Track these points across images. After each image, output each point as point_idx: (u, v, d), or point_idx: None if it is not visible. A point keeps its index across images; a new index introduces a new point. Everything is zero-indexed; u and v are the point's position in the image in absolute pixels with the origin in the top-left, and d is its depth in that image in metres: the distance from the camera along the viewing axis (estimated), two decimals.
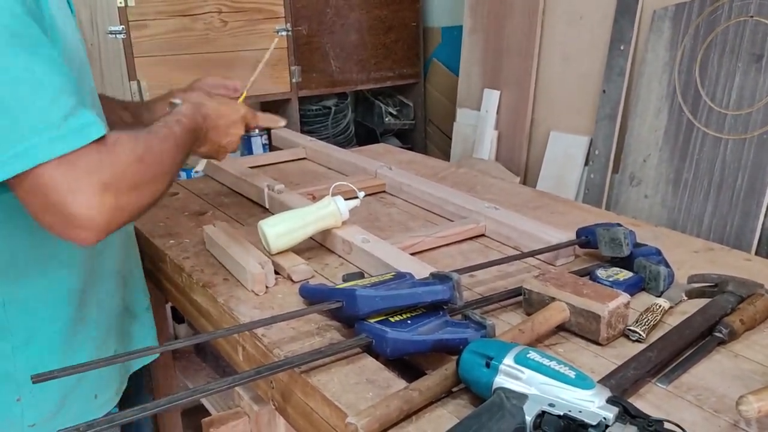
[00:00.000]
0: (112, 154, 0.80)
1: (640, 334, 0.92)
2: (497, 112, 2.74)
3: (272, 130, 2.15)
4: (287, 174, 1.74)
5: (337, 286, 0.98)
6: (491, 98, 2.75)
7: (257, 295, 1.09)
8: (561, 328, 0.95)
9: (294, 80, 2.89)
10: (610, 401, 0.69)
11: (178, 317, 2.29)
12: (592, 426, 0.68)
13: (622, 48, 2.25)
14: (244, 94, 1.26)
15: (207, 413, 1.70)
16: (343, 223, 1.23)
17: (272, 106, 3.04)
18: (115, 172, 0.79)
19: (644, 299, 1.03)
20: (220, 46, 2.69)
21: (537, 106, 2.62)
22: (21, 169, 0.74)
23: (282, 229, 1.17)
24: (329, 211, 1.21)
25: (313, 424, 0.87)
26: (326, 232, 1.26)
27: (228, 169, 1.62)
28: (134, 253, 1.21)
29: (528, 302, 1.00)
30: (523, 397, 0.72)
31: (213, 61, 2.69)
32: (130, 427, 1.20)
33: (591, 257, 1.20)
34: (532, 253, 1.16)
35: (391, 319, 0.90)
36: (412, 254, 1.18)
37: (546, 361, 0.74)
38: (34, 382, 0.73)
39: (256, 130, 3.01)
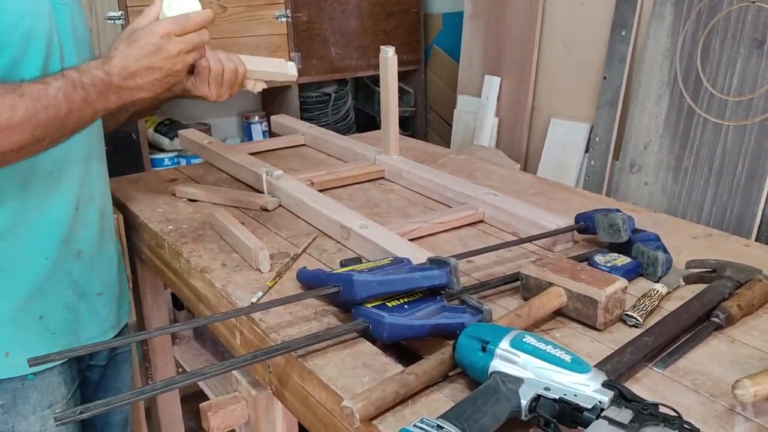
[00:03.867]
0: None
1: (637, 319, 0.92)
2: (498, 99, 2.73)
3: (271, 117, 2.15)
4: (286, 160, 1.73)
5: (335, 271, 0.98)
6: (492, 85, 2.74)
7: (262, 273, 1.10)
8: (558, 313, 0.95)
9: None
10: (606, 385, 0.69)
11: (178, 304, 2.30)
12: (587, 409, 0.68)
13: (623, 34, 2.23)
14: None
15: (206, 399, 1.70)
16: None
17: (272, 92, 3.03)
18: None
19: (642, 285, 1.03)
20: (219, 31, 2.67)
21: (538, 93, 2.61)
22: None
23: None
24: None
25: (310, 408, 0.87)
26: (322, 218, 1.26)
27: (227, 156, 1.61)
28: (92, 234, 1.15)
29: (525, 287, 1.00)
30: (518, 381, 0.72)
31: (212, 47, 2.67)
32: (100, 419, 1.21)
33: (590, 243, 1.20)
34: (530, 239, 1.16)
35: (388, 304, 0.90)
36: (411, 240, 1.18)
37: (542, 345, 0.74)
38: (30, 365, 0.73)
39: (256, 117, 3.00)
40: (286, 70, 1.30)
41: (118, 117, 1.26)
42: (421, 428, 0.65)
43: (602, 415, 0.67)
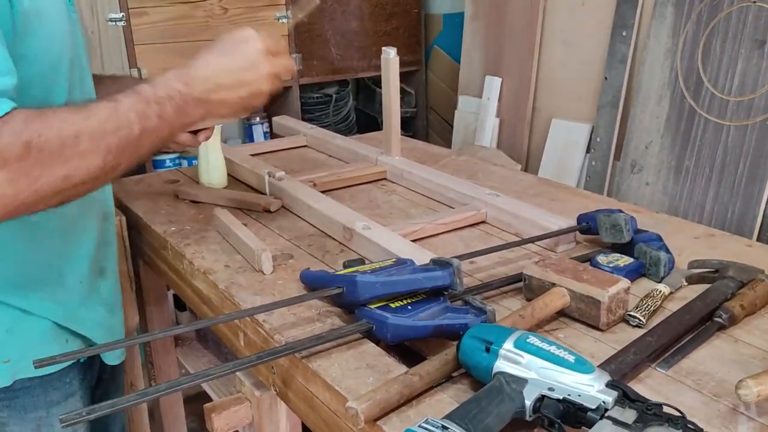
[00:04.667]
0: None
1: (640, 320, 0.92)
2: (499, 100, 2.73)
3: (273, 119, 2.15)
4: (288, 161, 1.74)
5: (338, 273, 0.98)
6: (493, 85, 2.74)
7: (265, 274, 1.10)
8: (561, 313, 0.96)
9: (295, 68, 2.89)
10: (610, 385, 0.70)
11: (181, 305, 2.30)
12: (591, 410, 0.68)
13: (624, 34, 2.24)
14: None
15: (209, 400, 1.70)
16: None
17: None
18: None
19: (644, 285, 1.03)
20: (220, 33, 2.68)
21: (538, 93, 2.61)
22: None
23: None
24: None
25: (314, 409, 0.87)
26: (325, 219, 1.26)
27: (228, 157, 1.61)
28: (112, 249, 1.16)
29: (528, 288, 1.00)
30: (522, 381, 0.73)
31: None
32: (102, 420, 1.22)
33: (592, 243, 1.20)
34: (533, 240, 1.16)
35: (392, 305, 0.90)
36: (413, 241, 1.18)
37: (545, 346, 0.74)
38: (36, 367, 0.73)
39: (257, 118, 3.01)
40: None
41: None
42: (425, 428, 0.65)
43: (606, 415, 0.67)
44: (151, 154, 0.88)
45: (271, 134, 2.66)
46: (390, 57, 1.48)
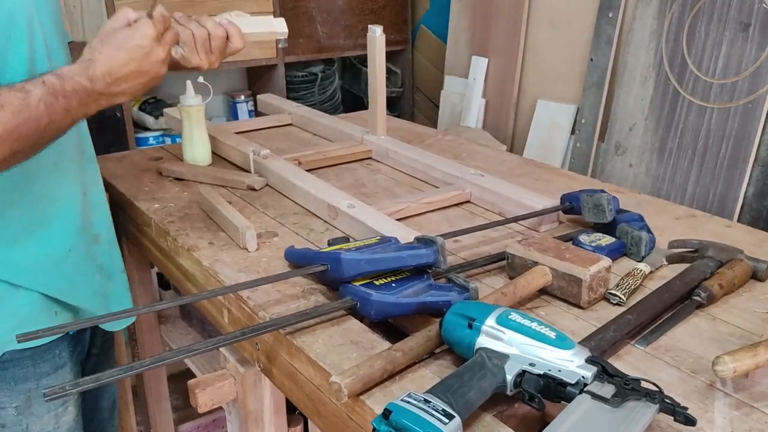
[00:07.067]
0: None
1: (620, 298, 0.93)
2: (485, 80, 2.73)
3: (258, 97, 2.13)
4: (273, 140, 1.73)
5: (323, 250, 0.98)
6: (479, 66, 2.74)
7: (249, 252, 1.11)
8: (543, 291, 0.97)
9: (280, 46, 2.85)
10: (589, 361, 0.71)
11: (164, 283, 2.29)
12: (571, 384, 0.69)
13: (610, 15, 2.24)
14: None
15: (192, 377, 1.71)
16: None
17: (258, 71, 3.01)
18: None
19: (626, 264, 1.05)
20: (204, 9, 2.64)
21: (524, 74, 2.61)
22: None
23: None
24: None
25: (298, 384, 0.88)
26: (310, 197, 1.26)
27: (213, 134, 1.61)
28: (104, 214, 1.18)
29: (511, 266, 1.01)
30: (504, 356, 0.74)
31: None
32: (93, 393, 1.22)
33: (575, 223, 1.21)
34: (516, 219, 1.17)
35: (376, 282, 0.90)
36: (398, 220, 1.18)
37: (527, 322, 0.75)
38: (19, 341, 0.73)
39: (242, 96, 2.98)
40: (274, 28, 1.24)
41: None
42: (408, 402, 0.66)
43: (585, 389, 0.68)
44: (49, 143, 0.90)
45: (256, 112, 2.64)
46: (376, 35, 1.47)
